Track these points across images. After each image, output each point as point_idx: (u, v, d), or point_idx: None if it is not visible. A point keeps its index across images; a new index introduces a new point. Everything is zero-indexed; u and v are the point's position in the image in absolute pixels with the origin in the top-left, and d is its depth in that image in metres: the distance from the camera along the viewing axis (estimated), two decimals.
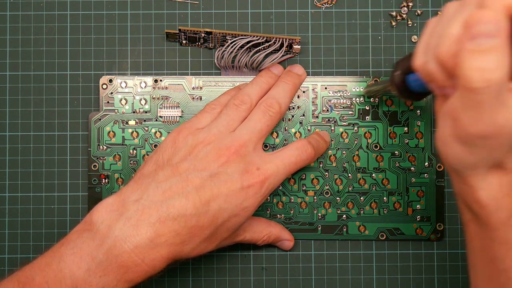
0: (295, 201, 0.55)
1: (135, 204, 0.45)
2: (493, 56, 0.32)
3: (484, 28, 0.32)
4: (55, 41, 0.56)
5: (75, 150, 0.55)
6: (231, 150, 0.47)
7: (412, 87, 0.46)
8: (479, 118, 0.34)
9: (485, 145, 0.36)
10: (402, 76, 0.47)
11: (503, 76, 0.32)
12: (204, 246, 0.47)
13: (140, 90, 0.55)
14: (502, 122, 0.34)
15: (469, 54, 0.32)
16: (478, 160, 0.37)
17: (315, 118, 0.55)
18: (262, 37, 0.54)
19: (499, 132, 0.35)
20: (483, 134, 0.35)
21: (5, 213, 0.55)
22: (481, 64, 0.32)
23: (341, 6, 0.56)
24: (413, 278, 0.55)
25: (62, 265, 0.44)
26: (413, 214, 0.54)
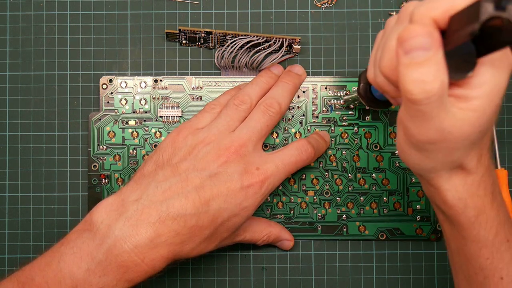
0: (295, 201, 0.55)
1: (135, 204, 0.45)
2: (429, 68, 0.32)
3: (416, 42, 0.32)
4: (55, 41, 0.56)
5: (75, 150, 0.55)
6: (231, 150, 0.47)
7: (377, 96, 0.47)
8: (425, 127, 0.35)
9: (437, 150, 0.37)
10: (366, 87, 0.48)
11: (442, 85, 0.33)
12: (204, 246, 0.47)
13: (140, 90, 0.55)
14: (447, 128, 0.35)
15: (406, 68, 0.33)
16: (436, 164, 0.38)
17: (315, 118, 0.55)
18: (262, 37, 0.54)
19: (446, 138, 0.36)
20: (431, 141, 0.36)
21: (5, 213, 0.55)
22: (419, 77, 0.33)
23: (341, 6, 0.56)
24: (413, 278, 0.55)
25: (62, 265, 0.44)
26: (413, 214, 0.54)
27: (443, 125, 0.35)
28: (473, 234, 0.40)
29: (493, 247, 0.40)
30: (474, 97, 0.35)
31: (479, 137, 0.37)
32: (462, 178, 0.39)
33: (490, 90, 0.35)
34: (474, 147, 0.38)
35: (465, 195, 0.39)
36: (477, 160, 0.39)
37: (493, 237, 0.40)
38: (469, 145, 0.37)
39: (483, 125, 0.36)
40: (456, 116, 0.35)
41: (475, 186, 0.39)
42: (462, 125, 0.35)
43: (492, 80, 0.35)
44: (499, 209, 0.40)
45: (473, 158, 0.38)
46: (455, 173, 0.39)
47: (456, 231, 0.41)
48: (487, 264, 0.41)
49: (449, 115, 0.35)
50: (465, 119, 0.35)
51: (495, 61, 0.35)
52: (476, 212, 0.40)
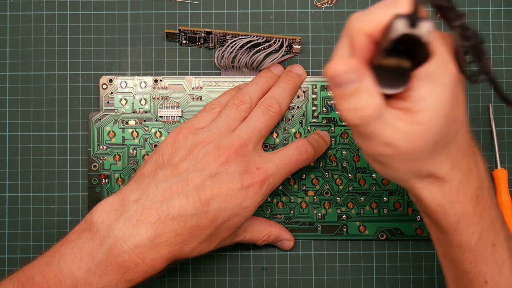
0: (295, 201, 0.55)
1: (135, 204, 0.45)
2: (359, 97, 0.34)
3: (342, 78, 0.34)
4: (55, 41, 0.56)
5: (75, 150, 0.55)
6: (231, 150, 0.47)
7: None
8: (372, 143, 0.37)
9: (394, 162, 0.38)
10: None
11: (375, 108, 0.35)
12: (204, 246, 0.47)
13: (140, 90, 0.55)
14: (393, 142, 0.36)
15: (339, 99, 0.35)
16: (402, 174, 0.39)
17: (315, 118, 0.55)
18: (262, 37, 0.54)
19: (396, 151, 0.37)
20: (382, 155, 0.37)
21: (5, 213, 0.55)
22: (352, 106, 0.35)
23: (341, 6, 0.56)
24: (413, 278, 0.55)
25: (62, 265, 0.44)
26: (413, 214, 0.54)
27: (388, 139, 0.36)
28: (455, 239, 0.40)
29: (476, 252, 0.40)
30: (418, 111, 0.35)
31: (438, 147, 0.37)
32: (437, 185, 0.39)
33: (432, 104, 0.35)
34: (438, 155, 0.38)
35: (444, 202, 0.39)
36: (449, 167, 0.39)
37: (476, 242, 0.40)
38: (428, 154, 0.37)
39: (436, 136, 0.36)
40: (403, 130, 0.36)
41: (454, 193, 0.39)
42: (409, 138, 0.36)
43: (431, 94, 0.35)
44: (483, 214, 0.40)
45: (442, 166, 0.38)
46: (428, 181, 0.39)
47: (440, 236, 0.41)
48: (471, 268, 0.41)
49: (393, 129, 0.36)
50: (411, 132, 0.36)
51: (433, 75, 0.35)
52: (457, 218, 0.40)
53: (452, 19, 0.34)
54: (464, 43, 0.35)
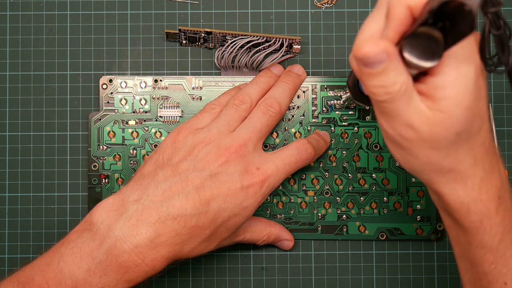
0: (295, 201, 0.55)
1: (135, 204, 0.45)
2: (387, 75, 0.34)
3: (371, 59, 0.34)
4: (55, 41, 0.56)
5: (75, 150, 0.55)
6: (231, 150, 0.47)
7: (362, 90, 0.46)
8: (394, 122, 0.37)
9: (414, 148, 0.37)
10: (354, 79, 0.47)
11: (403, 85, 0.35)
12: (204, 246, 0.47)
13: (140, 90, 0.55)
14: (415, 124, 0.36)
15: (367, 76, 0.35)
16: (422, 165, 0.38)
17: (315, 118, 0.55)
18: (262, 37, 0.54)
19: (418, 135, 0.36)
20: (403, 137, 0.37)
21: (5, 213, 0.55)
22: (379, 83, 0.35)
23: (341, 6, 0.56)
24: (413, 278, 0.55)
25: (62, 265, 0.44)
26: (413, 214, 0.54)
27: (411, 120, 0.36)
28: (477, 239, 0.40)
29: (497, 253, 0.40)
30: (440, 98, 0.35)
31: (460, 139, 0.37)
32: (460, 182, 0.39)
33: (455, 92, 0.35)
34: (460, 149, 0.38)
35: (467, 199, 0.39)
36: (471, 163, 0.38)
37: (498, 243, 0.40)
38: (450, 146, 0.37)
39: (458, 127, 0.36)
40: (425, 114, 0.36)
41: (477, 190, 0.39)
42: (432, 124, 0.36)
43: (456, 82, 0.35)
44: (505, 214, 0.40)
45: (464, 161, 0.38)
46: (451, 177, 0.39)
47: (461, 236, 0.41)
48: (491, 269, 0.40)
49: (417, 111, 0.36)
50: (434, 118, 0.36)
51: (460, 63, 0.35)
52: (480, 217, 0.39)
53: (489, 4, 0.33)
54: (493, 31, 0.34)
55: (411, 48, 0.34)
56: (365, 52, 0.33)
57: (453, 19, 0.32)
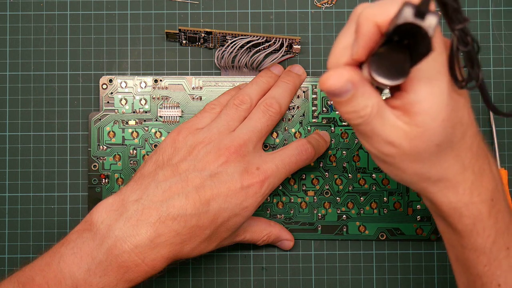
0: (295, 201, 0.55)
1: (135, 204, 0.45)
2: (356, 101, 0.35)
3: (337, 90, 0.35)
4: (55, 41, 0.56)
5: (75, 150, 0.55)
6: (231, 150, 0.47)
7: None
8: (374, 141, 0.37)
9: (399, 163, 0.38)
10: None
11: (373, 107, 0.35)
12: (204, 246, 0.47)
13: (140, 90, 0.55)
14: (395, 141, 0.37)
15: (338, 105, 0.36)
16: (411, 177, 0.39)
17: (315, 118, 0.55)
18: (262, 37, 0.54)
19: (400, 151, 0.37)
20: (386, 154, 0.38)
21: (5, 213, 0.55)
22: (350, 109, 0.36)
23: (341, 6, 0.56)
24: (413, 278, 0.55)
25: (62, 265, 0.44)
26: (413, 214, 0.54)
27: (389, 138, 0.36)
28: (470, 242, 0.40)
29: (491, 255, 0.40)
30: (415, 113, 0.36)
31: (442, 149, 0.37)
32: (451, 189, 0.39)
33: (429, 108, 0.35)
34: (445, 158, 0.38)
35: (459, 204, 0.39)
36: (458, 169, 0.38)
37: (491, 245, 0.40)
38: (433, 157, 0.37)
39: (437, 139, 0.36)
40: (403, 129, 0.36)
41: (468, 195, 0.39)
42: (410, 138, 0.36)
43: (428, 96, 0.35)
44: (498, 217, 0.40)
45: (451, 169, 0.38)
46: (441, 185, 0.39)
47: (454, 239, 0.41)
48: (485, 271, 0.41)
49: (394, 128, 0.36)
50: (411, 133, 0.36)
51: (431, 77, 0.35)
52: (472, 221, 0.39)
53: (455, 21, 0.34)
54: (462, 47, 0.35)
55: (377, 66, 0.34)
56: (329, 86, 0.35)
57: (414, 38, 0.32)
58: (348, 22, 0.37)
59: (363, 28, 0.35)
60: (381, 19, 0.34)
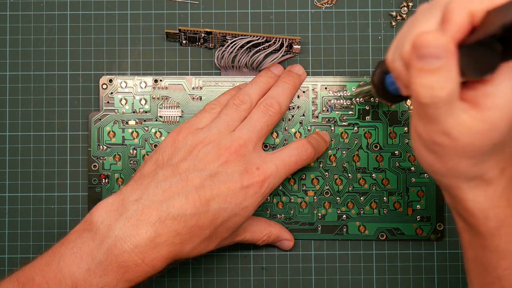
0: (295, 201, 0.55)
1: (135, 203, 0.45)
2: (439, 76, 0.32)
3: (430, 51, 0.32)
4: (55, 41, 0.56)
5: (75, 150, 0.55)
6: (231, 149, 0.47)
7: (389, 88, 0.45)
8: (431, 128, 0.35)
9: (446, 154, 0.36)
10: (381, 76, 0.45)
11: (450, 93, 0.33)
12: (204, 246, 0.47)
13: (140, 90, 0.55)
14: (453, 134, 0.35)
15: (417, 72, 0.33)
16: (449, 170, 0.38)
17: (315, 118, 0.55)
18: (262, 37, 0.54)
19: (453, 143, 0.35)
20: (437, 143, 0.36)
21: (5, 213, 0.55)
22: (428, 83, 0.33)
23: (341, 6, 0.56)
24: (413, 278, 0.55)
25: (62, 265, 0.44)
26: (413, 214, 0.54)
27: (449, 130, 0.35)
28: (493, 244, 0.39)
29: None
30: (487, 107, 0.34)
31: (494, 149, 0.36)
32: (483, 189, 0.38)
33: (505, 103, 0.34)
34: (491, 158, 0.37)
35: (487, 205, 0.39)
36: (498, 172, 0.38)
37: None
38: (482, 155, 0.36)
39: (497, 139, 0.35)
40: (465, 124, 0.35)
41: (497, 197, 0.38)
42: (470, 134, 0.35)
43: (508, 92, 0.34)
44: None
45: (492, 170, 0.38)
46: (475, 184, 0.38)
47: (475, 240, 0.41)
48: (505, 275, 0.40)
49: (457, 121, 0.35)
50: (474, 129, 0.35)
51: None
52: (498, 224, 0.39)
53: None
54: None
55: (466, 58, 0.33)
56: (426, 39, 0.32)
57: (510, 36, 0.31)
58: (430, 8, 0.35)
59: (455, 16, 0.32)
60: (478, 7, 0.32)
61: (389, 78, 0.45)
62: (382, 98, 0.46)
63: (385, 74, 0.45)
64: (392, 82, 0.44)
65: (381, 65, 0.46)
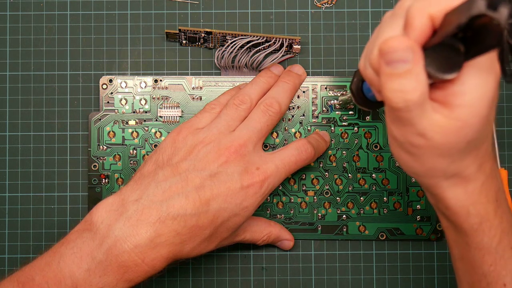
0: (295, 201, 0.55)
1: (135, 204, 0.45)
2: (409, 79, 0.33)
3: (396, 55, 0.32)
4: (55, 41, 0.56)
5: (75, 150, 0.55)
6: (231, 149, 0.47)
7: (367, 95, 0.46)
8: (406, 130, 0.36)
9: (423, 155, 0.37)
10: (359, 83, 0.46)
11: (422, 95, 0.34)
12: (204, 246, 0.47)
13: (140, 90, 0.55)
14: (428, 134, 0.35)
15: (387, 77, 0.33)
16: (427, 169, 0.38)
17: (315, 118, 0.55)
18: (262, 37, 0.54)
19: (429, 143, 0.36)
20: (413, 144, 0.36)
21: (5, 213, 0.55)
22: (399, 87, 0.33)
23: (341, 6, 0.56)
24: (413, 278, 0.55)
25: (62, 265, 0.44)
26: (413, 214, 0.54)
27: (424, 130, 0.35)
28: (476, 241, 0.40)
29: (496, 254, 0.40)
30: (457, 105, 0.35)
31: (469, 146, 0.37)
32: (462, 186, 0.39)
33: (474, 100, 0.34)
34: (468, 156, 0.37)
35: (467, 202, 0.39)
36: (476, 168, 0.38)
37: (497, 244, 0.40)
38: (458, 153, 0.37)
39: (470, 136, 0.36)
40: (439, 123, 0.35)
41: (477, 194, 0.39)
42: (444, 132, 0.35)
43: (476, 90, 0.34)
44: (503, 216, 0.40)
45: (469, 166, 0.38)
46: (454, 181, 0.39)
47: (459, 238, 0.41)
48: (490, 271, 0.40)
49: (430, 121, 0.35)
50: (447, 127, 0.35)
51: (481, 71, 0.34)
52: (479, 220, 0.39)
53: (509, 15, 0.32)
54: None
55: (431, 60, 0.33)
56: (391, 45, 0.32)
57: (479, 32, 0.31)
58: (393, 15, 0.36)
59: (415, 21, 0.33)
60: (436, 10, 0.33)
61: (366, 85, 0.46)
62: (362, 105, 0.47)
63: (362, 81, 0.46)
64: (369, 89, 0.45)
65: (358, 73, 0.47)
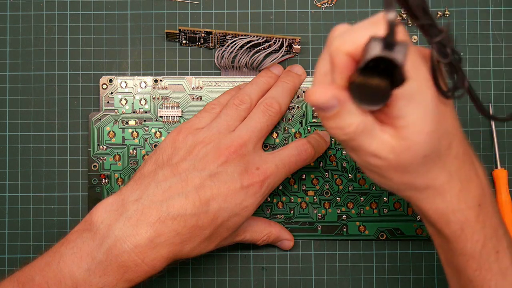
0: (295, 201, 0.55)
1: (135, 204, 0.45)
2: (341, 118, 0.35)
3: (323, 104, 0.34)
4: (55, 41, 0.56)
5: (75, 150, 0.55)
6: (230, 149, 0.47)
7: None
8: (361, 155, 0.37)
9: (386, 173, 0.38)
10: None
11: (359, 125, 0.35)
12: (204, 246, 0.47)
13: (140, 90, 0.55)
14: (381, 154, 0.36)
15: (323, 119, 0.36)
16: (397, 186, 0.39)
17: (315, 118, 0.55)
18: (262, 37, 0.54)
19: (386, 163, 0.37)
20: (373, 165, 0.37)
21: (5, 213, 0.55)
22: (336, 125, 0.35)
23: (341, 6, 0.56)
24: (413, 278, 0.55)
25: (62, 265, 0.44)
26: (413, 214, 0.54)
27: (376, 152, 0.36)
28: (459, 247, 0.40)
29: (480, 259, 0.40)
30: (400, 127, 0.36)
31: (429, 160, 0.37)
32: (438, 196, 0.39)
33: (414, 122, 0.35)
34: (433, 168, 0.38)
35: (447, 211, 0.39)
36: (446, 178, 0.38)
37: (480, 249, 0.40)
38: (420, 167, 0.37)
39: (423, 151, 0.36)
40: (389, 143, 0.36)
41: (455, 202, 0.39)
42: (396, 152, 0.36)
43: (413, 111, 0.35)
44: (485, 221, 0.40)
45: (438, 177, 0.38)
46: (428, 193, 0.39)
47: (444, 244, 0.41)
48: (475, 276, 0.40)
49: (380, 142, 0.36)
50: (398, 146, 0.36)
51: (412, 95, 0.35)
52: (460, 226, 0.39)
53: (432, 35, 0.34)
54: (442, 59, 0.35)
55: (357, 94, 0.34)
56: (314, 99, 0.34)
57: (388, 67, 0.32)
58: (324, 49, 0.37)
59: (336, 60, 0.35)
60: (351, 49, 0.34)
61: None
62: None
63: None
64: None
65: None
